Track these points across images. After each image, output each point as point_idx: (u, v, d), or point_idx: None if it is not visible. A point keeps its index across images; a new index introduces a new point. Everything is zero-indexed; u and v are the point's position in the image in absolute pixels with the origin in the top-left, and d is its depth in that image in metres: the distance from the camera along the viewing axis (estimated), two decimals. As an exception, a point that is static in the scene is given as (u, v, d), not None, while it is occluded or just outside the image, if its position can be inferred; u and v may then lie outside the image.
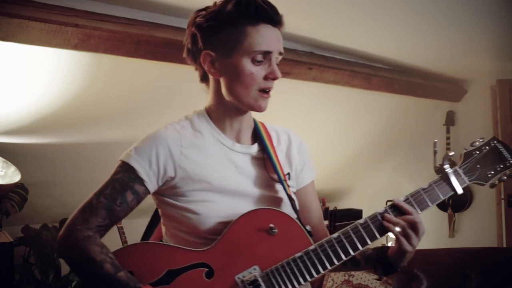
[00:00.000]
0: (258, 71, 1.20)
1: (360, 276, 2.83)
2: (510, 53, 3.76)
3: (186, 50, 1.32)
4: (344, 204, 5.56)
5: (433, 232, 4.51)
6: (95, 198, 1.18)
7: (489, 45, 3.54)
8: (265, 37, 1.19)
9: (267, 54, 1.20)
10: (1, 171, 2.74)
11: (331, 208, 5.30)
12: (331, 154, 4.71)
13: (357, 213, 5.26)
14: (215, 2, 1.25)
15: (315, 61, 3.30)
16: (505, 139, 4.25)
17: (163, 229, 1.32)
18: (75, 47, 2.29)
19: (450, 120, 4.87)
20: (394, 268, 1.26)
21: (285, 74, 3.18)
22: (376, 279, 2.78)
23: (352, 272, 2.85)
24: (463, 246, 3.86)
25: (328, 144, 4.52)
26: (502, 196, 4.28)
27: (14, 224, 3.14)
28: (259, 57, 1.20)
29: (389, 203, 1.28)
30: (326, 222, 5.19)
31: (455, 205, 4.72)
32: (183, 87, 2.87)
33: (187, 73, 1.48)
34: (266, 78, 1.21)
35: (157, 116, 2.91)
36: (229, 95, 1.23)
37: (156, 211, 1.39)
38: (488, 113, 4.56)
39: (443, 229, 4.81)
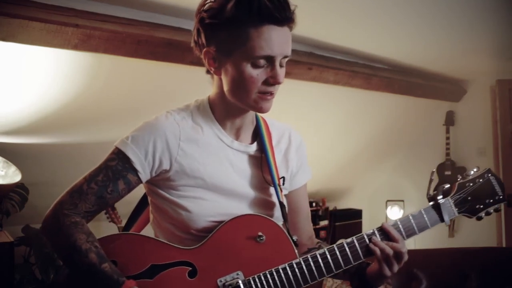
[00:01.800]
0: (259, 75, 1.14)
1: (360, 276, 2.83)
2: (510, 53, 3.76)
3: (193, 40, 1.22)
4: (344, 204, 5.56)
5: (433, 232, 4.49)
6: (85, 183, 1.15)
7: (489, 45, 3.55)
8: (268, 41, 1.11)
9: (269, 58, 1.13)
10: (2, 171, 2.75)
11: (331, 208, 5.30)
12: (331, 154, 4.71)
13: (357, 213, 5.26)
14: None
15: (315, 61, 3.30)
16: (505, 139, 4.26)
17: (151, 217, 1.30)
18: (75, 47, 2.29)
19: (449, 120, 4.87)
20: (369, 286, 1.26)
21: (285, 74, 3.18)
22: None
23: (352, 272, 2.85)
24: (463, 246, 3.86)
25: (328, 144, 4.52)
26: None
27: (15, 224, 3.14)
28: (261, 62, 1.13)
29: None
30: (326, 222, 5.20)
31: (455, 205, 4.72)
32: (183, 87, 2.87)
33: (187, 73, 1.48)
34: (267, 82, 1.15)
35: (157, 116, 2.92)
36: (229, 94, 1.19)
37: (144, 197, 1.38)
38: (487, 113, 4.57)
39: (443, 229, 4.80)
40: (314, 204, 5.14)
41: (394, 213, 4.92)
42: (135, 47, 2.45)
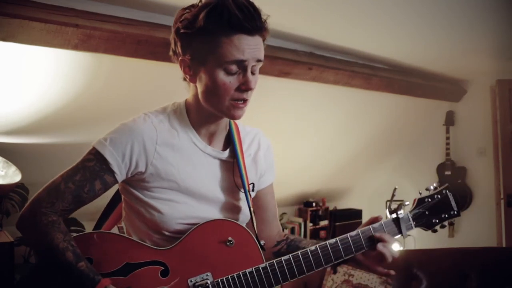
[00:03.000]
0: (231, 82, 1.17)
1: (360, 276, 2.83)
2: (510, 53, 3.77)
3: (171, 49, 1.29)
4: (344, 204, 5.56)
5: (433, 232, 4.50)
6: (63, 182, 1.19)
7: (489, 45, 3.55)
8: (238, 47, 1.15)
9: (241, 63, 1.16)
10: (2, 171, 2.75)
11: (331, 208, 5.31)
12: (331, 154, 4.71)
13: (357, 213, 5.27)
14: (198, 4, 1.19)
15: (315, 61, 3.30)
16: (505, 139, 4.26)
17: (123, 213, 1.34)
18: (75, 47, 2.30)
19: (449, 120, 4.88)
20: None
21: (285, 74, 3.18)
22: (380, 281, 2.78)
23: (352, 272, 2.86)
24: (463, 246, 3.86)
25: (328, 144, 4.52)
26: (502, 196, 4.28)
27: (15, 224, 3.14)
28: (233, 68, 1.16)
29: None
30: (326, 222, 5.20)
31: (455, 205, 4.73)
32: (182, 87, 2.87)
33: (187, 73, 1.49)
34: (239, 88, 1.18)
35: (157, 116, 2.92)
36: (204, 101, 1.23)
37: (116, 193, 1.41)
38: (487, 113, 4.57)
39: (443, 229, 4.80)
40: (314, 204, 5.14)
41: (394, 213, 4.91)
42: (135, 47, 2.46)
